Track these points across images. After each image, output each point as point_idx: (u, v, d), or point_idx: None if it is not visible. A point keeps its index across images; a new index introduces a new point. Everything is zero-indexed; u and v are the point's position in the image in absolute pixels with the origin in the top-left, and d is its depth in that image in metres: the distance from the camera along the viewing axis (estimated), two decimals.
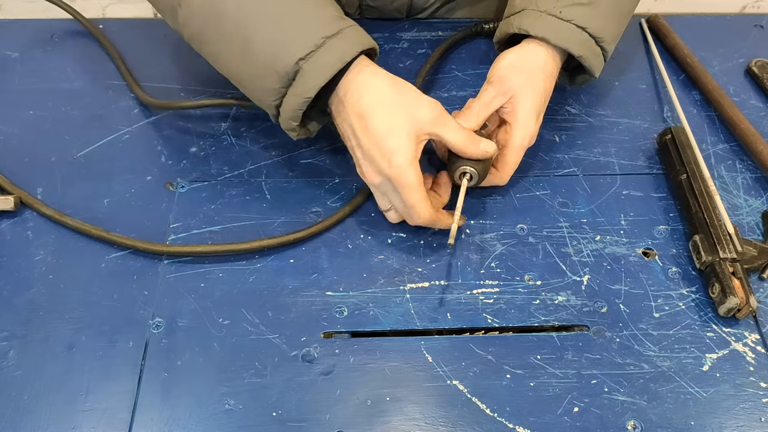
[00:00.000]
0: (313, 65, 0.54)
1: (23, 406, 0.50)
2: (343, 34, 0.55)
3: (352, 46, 0.55)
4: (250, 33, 0.56)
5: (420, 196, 0.55)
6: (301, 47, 0.54)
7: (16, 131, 0.67)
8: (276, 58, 0.55)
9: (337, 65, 0.54)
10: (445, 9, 0.82)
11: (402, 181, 0.54)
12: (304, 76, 0.54)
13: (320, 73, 0.54)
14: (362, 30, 0.58)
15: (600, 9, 0.62)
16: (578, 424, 0.51)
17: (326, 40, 0.54)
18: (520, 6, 0.64)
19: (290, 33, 0.55)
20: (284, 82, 0.55)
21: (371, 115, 0.55)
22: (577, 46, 0.62)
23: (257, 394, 0.51)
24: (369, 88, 0.56)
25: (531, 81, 0.61)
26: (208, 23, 0.57)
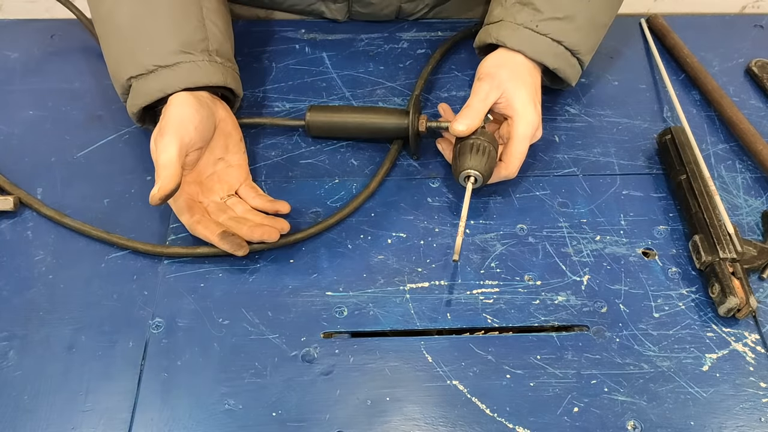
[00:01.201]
0: (140, 86, 0.58)
1: (23, 406, 0.50)
2: (177, 67, 0.58)
3: (177, 82, 0.58)
4: (106, 36, 0.61)
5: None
6: (134, 67, 0.58)
7: (16, 131, 0.67)
8: (117, 68, 0.60)
9: (158, 95, 0.58)
10: (433, 13, 0.82)
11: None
12: (133, 92, 0.59)
13: (143, 95, 0.58)
14: (210, 68, 0.59)
15: (576, 23, 0.64)
16: (578, 424, 0.51)
17: (158, 69, 0.58)
18: (499, 16, 0.66)
19: (132, 50, 0.59)
20: (123, 91, 0.60)
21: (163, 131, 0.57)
22: (552, 59, 0.64)
23: (257, 394, 0.51)
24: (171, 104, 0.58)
25: (518, 74, 0.62)
26: (92, 13, 0.62)
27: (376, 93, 0.72)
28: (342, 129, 0.66)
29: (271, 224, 0.59)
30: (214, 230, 0.57)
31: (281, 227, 0.59)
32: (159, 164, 0.54)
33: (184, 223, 0.58)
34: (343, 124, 0.65)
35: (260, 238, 0.57)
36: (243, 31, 0.77)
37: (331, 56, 0.75)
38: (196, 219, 0.57)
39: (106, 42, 0.61)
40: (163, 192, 0.53)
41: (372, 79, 0.73)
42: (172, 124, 0.56)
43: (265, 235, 0.57)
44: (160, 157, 0.55)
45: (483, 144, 0.59)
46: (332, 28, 0.79)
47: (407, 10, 0.79)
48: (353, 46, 0.77)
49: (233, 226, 0.58)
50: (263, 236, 0.57)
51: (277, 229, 0.58)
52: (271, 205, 0.61)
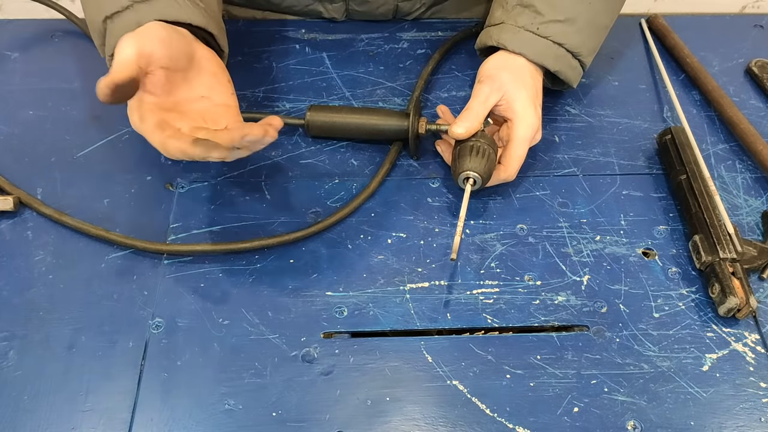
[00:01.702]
0: (116, 25, 0.55)
1: (23, 406, 0.50)
2: (155, 1, 0.55)
3: (152, 14, 0.54)
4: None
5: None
6: (110, 6, 0.55)
7: (16, 131, 0.67)
8: (92, 14, 0.57)
9: (132, 27, 0.54)
10: (430, 12, 0.82)
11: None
12: (109, 34, 0.56)
13: (118, 34, 0.54)
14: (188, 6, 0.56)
15: (577, 25, 0.63)
16: (578, 424, 0.51)
17: (134, 4, 0.54)
18: (500, 19, 0.66)
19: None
20: (101, 40, 0.57)
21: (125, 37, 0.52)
22: (553, 62, 0.64)
23: (257, 394, 0.51)
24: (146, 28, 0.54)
25: (519, 76, 0.62)
26: None
27: (376, 93, 0.72)
28: (342, 129, 0.66)
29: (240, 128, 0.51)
30: (186, 138, 0.50)
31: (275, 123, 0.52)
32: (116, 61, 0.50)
33: (155, 143, 0.51)
34: (343, 124, 0.65)
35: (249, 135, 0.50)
36: (243, 31, 0.77)
37: (331, 56, 0.75)
38: (168, 133, 0.51)
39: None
40: (111, 78, 0.48)
41: (372, 79, 0.73)
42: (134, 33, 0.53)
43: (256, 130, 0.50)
44: (117, 57, 0.50)
45: (482, 146, 0.59)
46: (332, 28, 0.79)
47: (404, 9, 0.79)
48: (353, 46, 0.77)
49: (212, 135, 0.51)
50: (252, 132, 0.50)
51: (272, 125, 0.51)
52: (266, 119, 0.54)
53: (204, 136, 0.51)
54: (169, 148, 0.51)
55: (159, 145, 0.51)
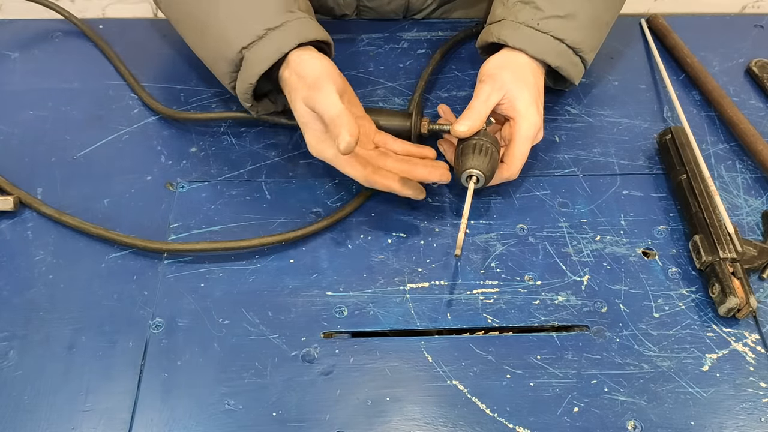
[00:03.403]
0: (254, 54, 0.58)
1: (23, 406, 0.50)
2: (285, 26, 0.58)
3: (291, 38, 0.58)
4: (203, 18, 0.60)
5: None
6: (244, 37, 0.58)
7: (16, 131, 0.67)
8: (224, 45, 0.59)
9: (275, 56, 0.57)
10: (441, 10, 0.82)
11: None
12: (247, 63, 0.58)
13: (260, 61, 0.58)
14: (312, 23, 0.60)
15: (578, 20, 0.63)
16: (578, 424, 0.51)
17: (268, 32, 0.58)
18: (501, 16, 0.66)
19: (237, 22, 0.58)
20: (233, 68, 0.60)
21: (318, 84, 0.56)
22: (554, 58, 0.64)
23: (257, 394, 0.51)
24: (305, 62, 0.58)
25: (521, 76, 0.62)
26: (173, 4, 0.63)
27: (377, 93, 0.72)
28: None
29: (438, 166, 0.59)
30: (393, 177, 0.57)
31: (446, 167, 0.59)
32: (332, 115, 0.54)
33: (358, 176, 0.57)
34: None
35: (439, 178, 0.58)
36: None
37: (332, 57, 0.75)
38: (370, 170, 0.57)
39: (200, 26, 0.61)
40: (354, 136, 0.52)
41: (372, 79, 0.73)
42: (321, 75, 0.56)
43: (444, 176, 0.58)
44: (330, 109, 0.54)
45: (485, 145, 0.59)
46: (333, 28, 0.78)
47: (415, 6, 0.79)
48: (353, 46, 0.77)
49: (406, 169, 0.58)
50: (441, 177, 0.58)
51: (447, 168, 0.59)
52: (417, 150, 0.61)
53: (405, 175, 0.58)
54: (375, 183, 0.58)
55: (362, 178, 0.58)
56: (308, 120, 0.57)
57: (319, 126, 0.57)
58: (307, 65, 0.57)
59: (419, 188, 0.59)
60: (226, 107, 0.69)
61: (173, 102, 0.70)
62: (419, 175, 0.58)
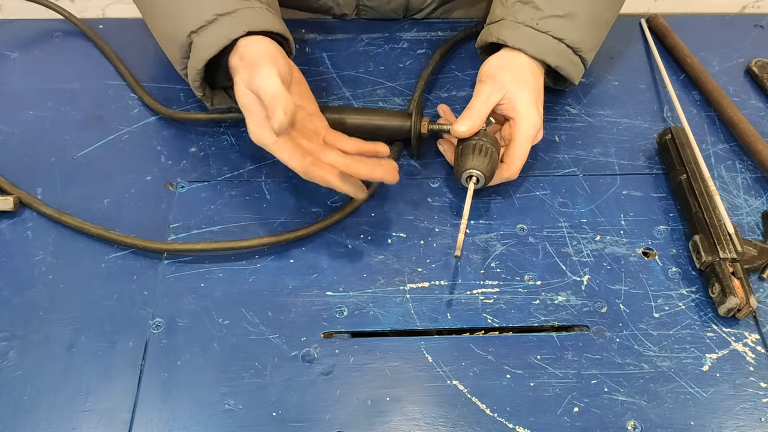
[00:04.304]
0: (202, 39, 0.56)
1: (23, 406, 0.50)
2: (237, 13, 0.57)
3: (240, 26, 0.56)
4: (157, 2, 0.59)
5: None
6: (194, 21, 0.56)
7: (16, 131, 0.67)
8: (175, 29, 0.58)
9: (223, 41, 0.56)
10: (441, 10, 0.82)
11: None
12: (195, 48, 0.57)
13: (207, 47, 0.56)
14: (267, 14, 0.58)
15: (577, 20, 0.63)
16: (578, 424, 0.51)
17: (218, 17, 0.56)
18: (500, 15, 0.66)
19: (188, 6, 0.57)
20: (183, 53, 0.58)
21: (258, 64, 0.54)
22: (554, 57, 0.64)
23: (257, 394, 0.51)
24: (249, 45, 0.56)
25: (521, 76, 0.62)
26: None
27: (377, 93, 0.72)
28: (342, 130, 0.65)
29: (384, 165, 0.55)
30: (332, 171, 0.54)
31: (395, 167, 0.56)
32: (268, 93, 0.51)
33: (297, 167, 0.55)
34: (343, 125, 0.65)
35: (382, 177, 0.55)
36: None
37: (331, 56, 0.75)
38: (309, 161, 0.55)
39: (155, 9, 0.60)
40: (289, 114, 0.50)
41: (372, 79, 0.73)
42: (263, 57, 0.54)
43: (388, 175, 0.55)
44: (267, 88, 0.52)
45: (485, 145, 0.59)
46: (332, 28, 0.79)
47: (415, 5, 0.79)
48: (353, 46, 0.77)
49: (349, 165, 0.55)
50: (385, 176, 0.55)
51: (395, 169, 0.55)
52: (370, 146, 0.59)
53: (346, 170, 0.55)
54: (313, 175, 0.55)
55: (300, 169, 0.55)
56: (248, 102, 0.55)
57: (260, 110, 0.54)
58: (252, 48, 0.55)
59: (360, 186, 0.56)
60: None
61: (173, 102, 0.70)
62: (362, 172, 0.55)
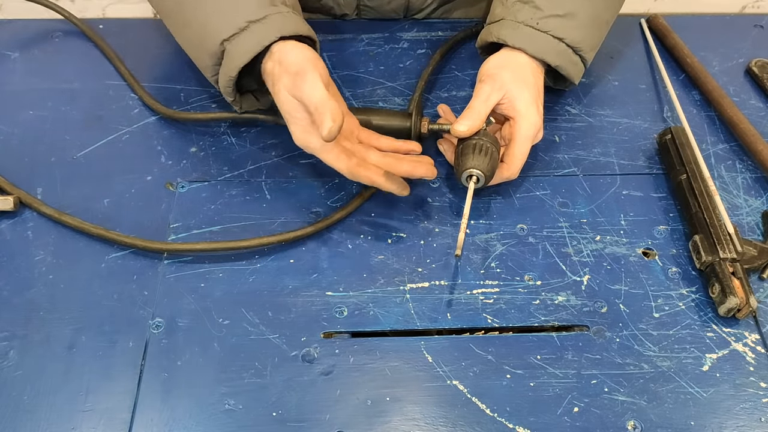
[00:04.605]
0: (235, 47, 0.58)
1: (23, 406, 0.50)
2: (268, 19, 0.58)
3: (273, 31, 0.57)
4: (187, 10, 0.60)
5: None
6: (226, 29, 0.58)
7: (16, 131, 0.67)
8: (206, 37, 0.59)
9: (257, 48, 0.57)
10: (441, 10, 0.82)
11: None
12: (228, 56, 0.58)
13: (241, 54, 0.57)
14: (295, 17, 0.60)
15: (577, 20, 0.63)
16: (578, 424, 0.51)
17: (250, 24, 0.57)
18: (500, 15, 0.66)
19: (219, 14, 0.58)
20: (215, 61, 0.60)
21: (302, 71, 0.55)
22: (554, 57, 0.64)
23: (257, 394, 0.51)
24: (288, 52, 0.57)
25: (521, 75, 0.62)
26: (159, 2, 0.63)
27: (377, 93, 0.72)
28: None
29: (423, 161, 0.59)
30: (377, 171, 0.56)
31: (432, 163, 0.59)
32: (316, 102, 0.53)
33: (343, 168, 0.56)
34: None
35: (424, 173, 0.58)
36: None
37: (331, 56, 0.75)
38: (354, 162, 0.56)
39: (183, 18, 0.61)
40: (338, 122, 0.51)
41: (372, 79, 0.73)
42: (305, 63, 0.55)
43: (429, 172, 0.58)
44: (314, 95, 0.53)
45: (485, 144, 0.59)
46: (332, 28, 0.79)
47: (415, 6, 0.79)
48: (353, 46, 0.77)
49: (391, 163, 0.58)
50: (426, 173, 0.58)
51: (432, 164, 0.58)
52: (403, 145, 0.61)
53: (389, 169, 0.57)
54: (359, 176, 0.56)
55: (347, 171, 0.56)
56: (292, 109, 0.56)
57: (304, 115, 0.56)
58: (291, 54, 0.56)
59: (403, 184, 0.59)
60: (226, 107, 0.69)
61: (173, 102, 0.70)
62: (404, 170, 0.58)
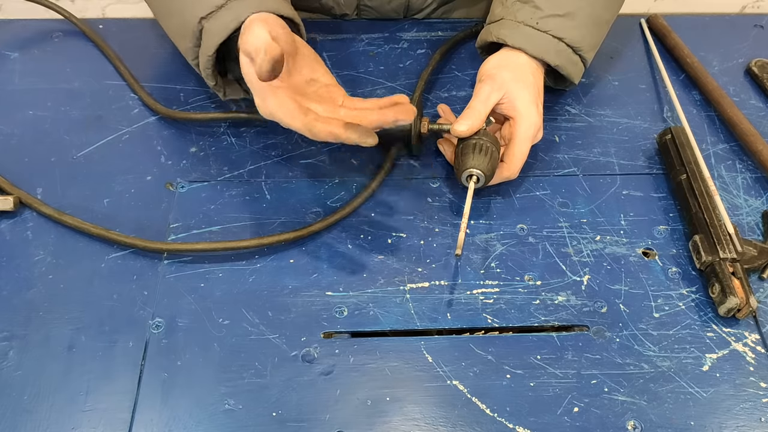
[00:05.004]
0: (213, 24, 0.57)
1: (23, 406, 0.50)
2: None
3: (249, 8, 0.56)
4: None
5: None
6: (204, 7, 0.57)
7: (16, 131, 0.67)
8: (185, 17, 0.58)
9: (233, 24, 0.56)
10: (442, 10, 0.83)
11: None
12: (206, 34, 0.58)
13: (218, 31, 0.56)
14: (280, 1, 0.58)
15: (577, 19, 0.63)
16: (578, 424, 0.51)
17: (228, 2, 0.57)
18: (500, 15, 0.66)
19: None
20: (194, 42, 0.59)
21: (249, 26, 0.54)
22: (553, 56, 0.64)
23: (257, 394, 0.51)
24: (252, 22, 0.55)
25: (521, 75, 0.62)
26: None
27: (376, 93, 0.72)
28: None
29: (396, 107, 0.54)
30: (336, 123, 0.52)
31: (411, 108, 0.54)
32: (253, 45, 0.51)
33: (299, 127, 0.53)
34: None
35: (395, 117, 0.53)
36: None
37: (331, 56, 0.75)
38: (312, 117, 0.53)
39: (167, 7, 0.61)
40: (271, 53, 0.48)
41: (372, 79, 0.73)
42: (254, 20, 0.54)
43: (401, 114, 0.53)
44: (255, 41, 0.51)
45: (485, 144, 0.59)
46: (332, 28, 0.79)
47: (415, 6, 0.79)
48: (353, 46, 0.77)
49: (357, 115, 0.54)
50: (398, 115, 0.53)
51: (410, 110, 0.54)
52: (386, 101, 0.57)
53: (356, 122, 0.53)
54: (316, 131, 0.53)
55: (304, 127, 0.53)
56: (248, 73, 0.54)
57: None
58: (255, 26, 0.53)
59: (367, 132, 0.53)
60: (226, 107, 0.69)
61: (173, 102, 0.70)
62: (371, 120, 0.54)
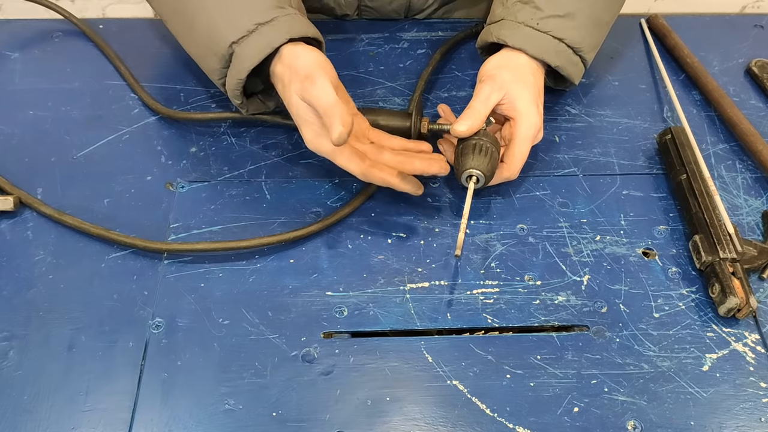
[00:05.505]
0: (244, 49, 0.58)
1: (23, 406, 0.50)
2: (276, 21, 0.58)
3: (282, 34, 0.58)
4: (192, 12, 0.60)
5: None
6: (234, 32, 0.58)
7: (16, 131, 0.67)
8: (213, 40, 0.59)
9: (266, 50, 0.57)
10: (443, 10, 0.83)
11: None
12: (237, 58, 0.58)
13: (250, 56, 0.57)
14: (302, 19, 0.60)
15: (577, 20, 0.64)
16: (578, 424, 0.51)
17: (258, 27, 0.57)
18: (500, 16, 0.66)
19: (226, 17, 0.58)
20: (223, 63, 0.59)
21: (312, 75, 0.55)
22: (554, 57, 0.64)
23: (257, 394, 0.51)
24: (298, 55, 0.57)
25: (521, 75, 0.63)
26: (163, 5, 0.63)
27: (377, 93, 0.72)
28: None
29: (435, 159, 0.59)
30: (390, 171, 0.57)
31: (444, 159, 0.59)
32: (325, 106, 0.53)
33: (356, 171, 0.57)
34: None
35: (438, 171, 0.58)
36: None
37: (331, 56, 0.74)
38: (368, 164, 0.57)
39: (190, 22, 0.61)
40: (347, 126, 0.51)
41: (372, 79, 0.73)
42: (315, 68, 0.55)
43: (442, 168, 0.58)
44: (323, 99, 0.53)
45: (485, 144, 0.59)
46: (333, 28, 0.79)
47: (416, 6, 0.79)
48: (353, 46, 0.77)
49: (404, 162, 0.58)
50: (440, 169, 0.58)
51: (444, 161, 0.59)
52: (414, 145, 0.62)
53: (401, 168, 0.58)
54: (372, 177, 0.57)
55: (360, 173, 0.57)
56: (303, 113, 0.57)
57: (315, 119, 0.56)
58: (301, 58, 0.57)
59: (417, 183, 0.59)
60: (226, 107, 0.69)
61: (173, 102, 0.70)
62: (417, 168, 0.58)
